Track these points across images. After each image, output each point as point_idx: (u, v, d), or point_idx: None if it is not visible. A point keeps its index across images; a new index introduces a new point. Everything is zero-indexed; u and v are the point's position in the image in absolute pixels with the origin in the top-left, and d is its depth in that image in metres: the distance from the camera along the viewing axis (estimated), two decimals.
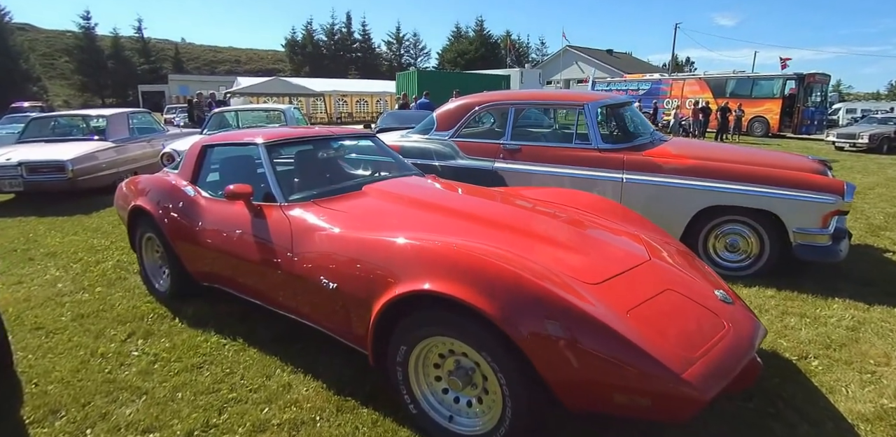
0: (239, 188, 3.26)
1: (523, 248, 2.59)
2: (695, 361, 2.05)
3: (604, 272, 2.48)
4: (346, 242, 2.76)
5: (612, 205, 3.77)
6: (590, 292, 2.26)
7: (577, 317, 2.04)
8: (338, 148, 4.33)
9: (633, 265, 2.62)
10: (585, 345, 1.99)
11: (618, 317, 2.12)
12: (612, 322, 2.05)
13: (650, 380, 1.95)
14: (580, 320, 2.04)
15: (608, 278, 2.44)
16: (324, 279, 2.71)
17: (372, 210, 3.22)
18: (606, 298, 2.25)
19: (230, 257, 3.43)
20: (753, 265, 4.61)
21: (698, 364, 2.04)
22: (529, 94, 6.78)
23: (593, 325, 2.02)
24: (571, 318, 2.04)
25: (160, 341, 3.46)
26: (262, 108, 12.31)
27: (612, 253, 2.74)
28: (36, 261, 5.21)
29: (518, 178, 5.39)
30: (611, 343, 1.99)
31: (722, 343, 2.22)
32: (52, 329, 3.65)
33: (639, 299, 2.33)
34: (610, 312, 2.13)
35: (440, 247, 2.42)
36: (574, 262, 2.53)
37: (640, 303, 2.30)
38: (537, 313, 2.06)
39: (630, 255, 2.76)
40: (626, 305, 2.25)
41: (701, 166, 4.67)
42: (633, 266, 2.61)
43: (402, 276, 2.38)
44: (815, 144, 20.31)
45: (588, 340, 2.00)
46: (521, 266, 2.27)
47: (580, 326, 2.03)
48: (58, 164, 7.60)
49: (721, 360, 2.13)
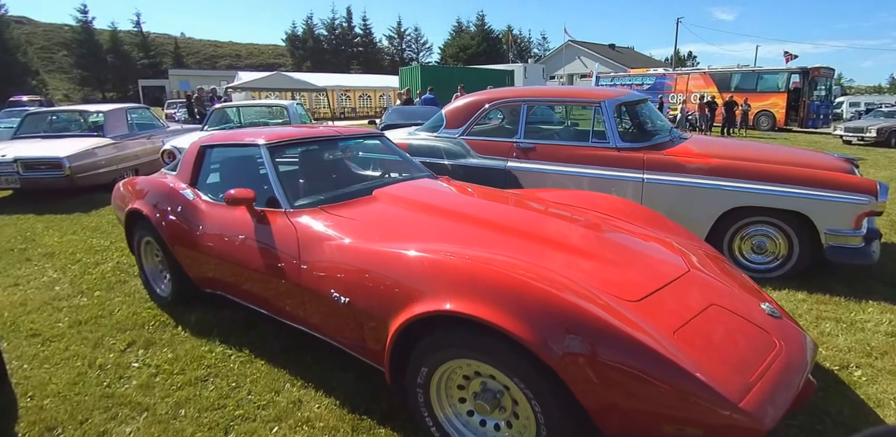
0: (240, 193, 3.06)
1: (553, 261, 2.40)
2: (751, 386, 1.86)
3: (643, 287, 2.29)
4: (359, 254, 2.56)
5: (637, 207, 3.58)
6: (631, 310, 2.06)
7: (620, 340, 1.85)
8: (345, 148, 4.13)
9: (673, 278, 2.43)
10: (631, 372, 1.80)
11: (664, 339, 1.93)
12: (659, 345, 1.86)
13: (705, 410, 1.76)
14: (624, 343, 1.85)
15: (649, 293, 2.25)
16: (334, 293, 2.52)
17: (385, 218, 3.02)
18: (649, 317, 2.06)
19: (233, 265, 3.24)
20: (781, 267, 4.42)
21: (755, 390, 1.85)
22: (542, 90, 6.58)
23: (639, 349, 1.83)
24: (614, 341, 1.85)
25: (162, 351, 3.27)
26: (265, 103, 12.09)
27: (649, 265, 2.55)
28: (33, 262, 5.03)
29: (532, 178, 5.19)
30: (659, 369, 1.80)
31: (776, 364, 2.03)
32: (49, 337, 3.47)
33: (684, 318, 2.14)
34: (655, 333, 1.94)
35: (463, 262, 2.23)
36: (610, 276, 2.34)
37: (685, 322, 2.11)
38: (576, 335, 1.87)
39: (668, 266, 2.57)
40: (672, 324, 2.06)
41: (727, 166, 4.47)
42: (674, 279, 2.42)
43: (421, 293, 2.19)
44: (823, 138, 20.08)
45: (634, 365, 1.81)
46: (554, 283, 2.08)
47: (624, 350, 1.83)
48: (54, 160, 7.40)
49: (778, 384, 1.94)
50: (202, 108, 14.67)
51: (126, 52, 61.28)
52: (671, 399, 1.78)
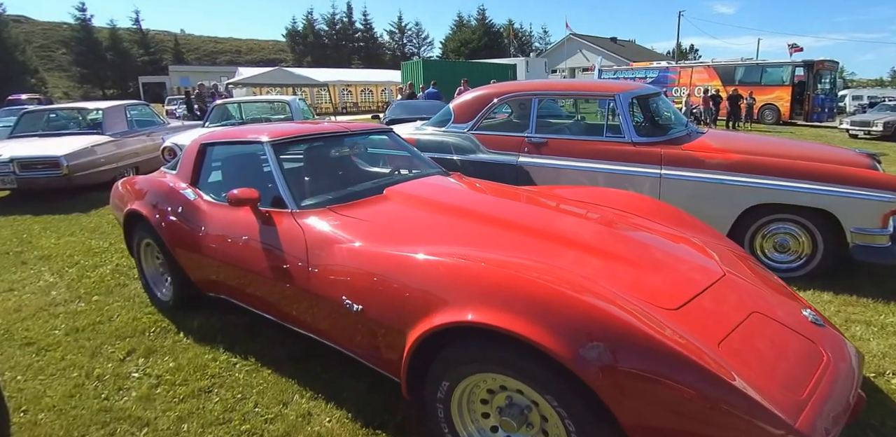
0: (244, 193, 2.88)
1: (582, 265, 2.23)
2: (804, 404, 1.70)
3: (680, 294, 2.12)
4: (372, 258, 2.38)
5: (659, 205, 3.41)
6: (670, 320, 1.90)
7: (663, 355, 1.68)
8: (352, 145, 3.95)
9: (710, 283, 2.26)
10: (676, 389, 1.64)
11: (710, 352, 1.76)
12: (705, 359, 1.69)
13: (757, 431, 1.59)
14: (668, 358, 1.68)
15: (686, 301, 2.08)
16: (346, 300, 2.36)
17: (398, 218, 2.84)
18: (690, 327, 1.89)
19: (236, 269, 3.08)
20: (805, 266, 4.26)
21: (809, 408, 1.69)
22: (554, 83, 6.40)
23: (684, 364, 1.66)
24: (657, 356, 1.68)
25: (163, 359, 3.11)
26: (267, 99, 11.92)
27: (682, 268, 2.38)
28: (29, 265, 4.87)
29: (545, 173, 5.03)
30: (707, 386, 1.63)
31: (827, 378, 1.87)
32: (44, 345, 3.31)
33: (727, 327, 1.97)
34: (700, 346, 1.78)
35: (486, 267, 2.07)
36: (643, 282, 2.17)
37: (729, 332, 1.94)
38: (616, 350, 1.70)
39: (702, 269, 2.40)
40: (715, 335, 1.90)
41: (749, 161, 4.30)
42: (710, 284, 2.25)
43: (441, 301, 2.02)
44: (828, 132, 19.92)
45: (679, 382, 1.64)
46: (588, 291, 1.91)
47: (668, 365, 1.67)
48: (52, 159, 7.22)
49: (831, 400, 1.78)
50: (203, 104, 14.50)
51: (125, 49, 61.03)
52: (721, 419, 1.61)
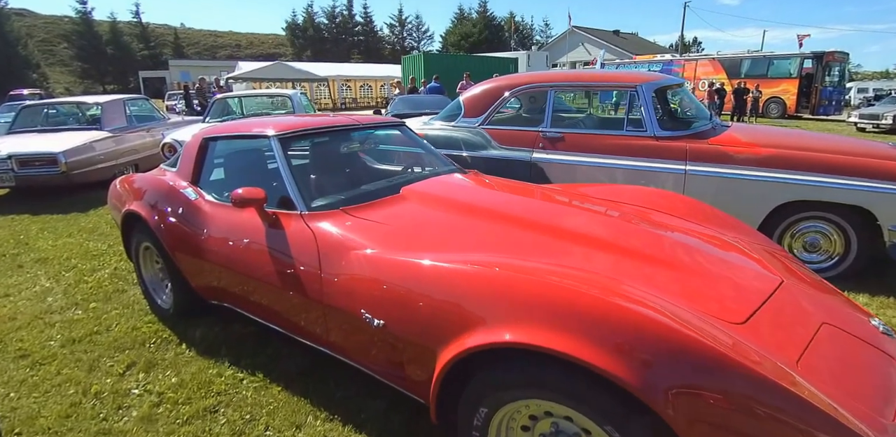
0: (249, 193, 2.63)
1: (633, 275, 2.01)
2: (894, 429, 1.50)
3: (743, 305, 1.90)
4: (393, 267, 2.15)
5: (694, 203, 3.18)
6: (740, 335, 1.68)
7: (741, 377, 1.46)
8: (363, 140, 3.72)
9: (770, 291, 2.05)
10: (758, 416, 1.42)
11: (790, 372, 1.55)
12: (787, 381, 1.47)
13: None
14: (746, 380, 1.45)
15: (751, 313, 1.86)
16: (365, 314, 2.14)
17: (418, 221, 2.62)
18: (763, 343, 1.67)
19: (241, 276, 2.86)
20: (837, 266, 4.05)
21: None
22: (571, 74, 6.15)
23: (769, 389, 1.44)
24: (734, 379, 1.46)
25: (165, 374, 2.90)
26: (268, 93, 11.67)
27: (738, 275, 2.16)
28: (25, 269, 4.65)
29: (560, 170, 4.80)
30: (794, 412, 1.41)
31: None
32: (39, 358, 3.10)
33: (801, 343, 1.76)
34: (778, 365, 1.56)
35: (528, 279, 1.84)
36: (702, 292, 1.95)
37: (804, 348, 1.73)
38: (688, 376, 1.48)
39: (758, 276, 2.19)
40: (790, 352, 1.68)
41: (781, 156, 4.07)
42: (771, 293, 2.04)
43: (476, 317, 1.80)
44: (836, 126, 19.65)
45: (761, 409, 1.42)
46: (647, 305, 1.70)
47: (748, 389, 1.44)
48: (49, 156, 6.99)
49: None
50: (203, 99, 14.27)
51: (126, 43, 60.55)
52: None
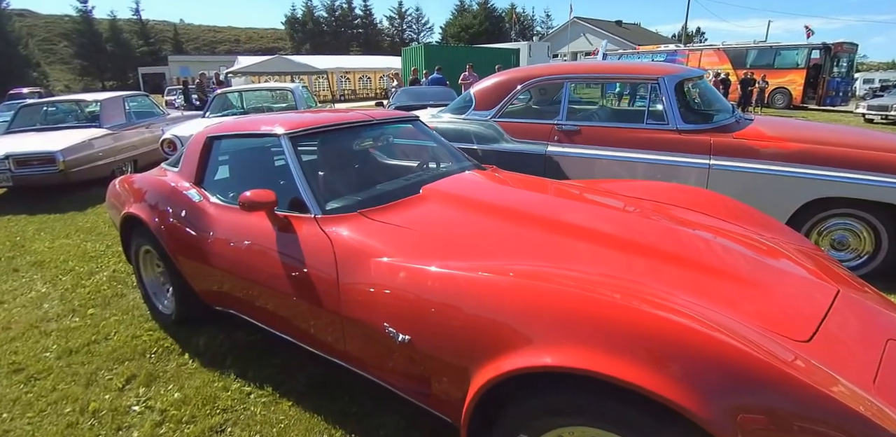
0: (259, 196, 2.43)
1: (688, 286, 1.82)
2: None
3: (805, 320, 1.71)
4: (420, 277, 1.96)
5: (728, 202, 2.99)
6: (808, 355, 1.49)
7: (823, 409, 1.27)
8: (377, 136, 3.51)
9: (829, 303, 1.85)
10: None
11: (870, 398, 1.36)
12: (871, 411, 1.28)
13: None
14: (828, 412, 1.26)
15: (815, 328, 1.67)
16: (389, 328, 1.95)
17: (444, 224, 2.42)
18: (834, 364, 1.48)
19: (249, 282, 2.66)
20: (867, 265, 3.86)
21: None
22: (588, 66, 5.93)
23: (854, 421, 1.25)
24: (815, 410, 1.27)
25: (167, 389, 2.71)
26: (268, 87, 11.46)
27: (792, 285, 1.97)
28: (21, 273, 4.47)
29: (577, 164, 4.60)
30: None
31: None
32: (34, 372, 2.91)
33: (871, 362, 1.57)
34: (860, 392, 1.37)
35: (576, 293, 1.64)
36: (763, 306, 1.76)
37: (876, 368, 1.54)
38: (761, 405, 1.29)
39: (814, 286, 1.99)
40: (864, 373, 1.50)
41: (810, 151, 3.86)
42: (830, 304, 1.84)
43: (518, 336, 1.61)
44: (843, 117, 19.37)
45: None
46: (709, 324, 1.49)
47: (832, 423, 1.26)
48: (47, 155, 6.79)
49: None
50: (203, 94, 14.08)
51: (125, 40, 60.53)
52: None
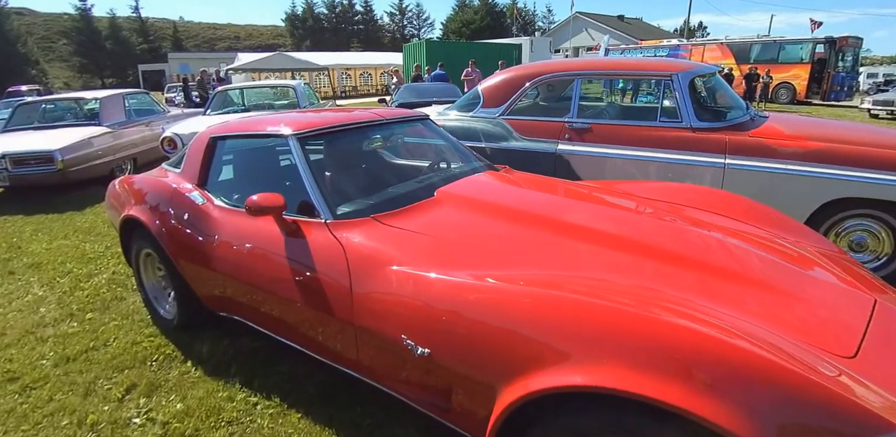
0: (267, 200, 2.31)
1: (724, 298, 1.71)
2: None
3: (848, 333, 1.60)
4: (442, 287, 1.85)
5: (750, 204, 2.89)
6: (857, 372, 1.39)
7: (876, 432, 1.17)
8: (388, 136, 3.39)
9: (868, 314, 1.74)
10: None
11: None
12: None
13: None
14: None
15: (859, 342, 1.56)
16: (407, 340, 1.84)
17: (463, 230, 2.30)
18: (881, 381, 1.38)
19: (255, 288, 2.56)
20: (886, 266, 3.75)
21: None
22: (599, 62, 5.82)
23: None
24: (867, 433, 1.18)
25: (169, 399, 2.60)
26: (270, 84, 11.35)
27: (829, 295, 1.86)
28: (17, 275, 4.35)
29: (588, 163, 4.48)
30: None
31: None
32: (30, 381, 2.80)
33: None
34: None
35: (608, 306, 1.54)
36: (803, 319, 1.65)
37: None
38: (813, 428, 1.20)
39: (850, 295, 1.88)
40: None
41: (829, 150, 3.74)
42: (869, 316, 1.73)
43: (549, 352, 1.51)
44: (848, 112, 19.26)
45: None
46: (753, 340, 1.38)
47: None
48: (45, 154, 6.67)
49: None
50: (204, 91, 13.98)
51: (125, 37, 60.59)
52: None
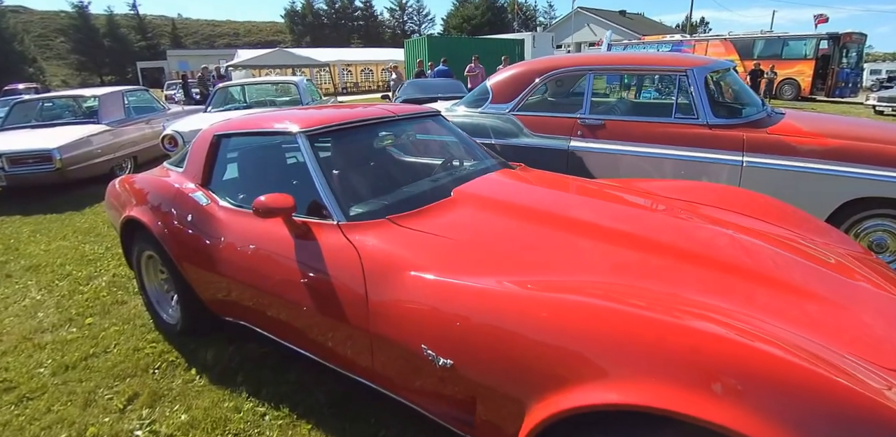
0: (275, 201, 2.18)
1: (769, 307, 1.59)
2: None
3: (892, 343, 1.50)
4: (466, 295, 1.73)
5: (775, 204, 2.78)
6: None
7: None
8: (400, 133, 3.27)
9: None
10: None
11: None
12: None
13: None
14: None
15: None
16: (428, 351, 1.73)
17: (484, 233, 2.18)
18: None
19: (262, 292, 2.44)
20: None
21: None
22: (611, 57, 5.67)
23: None
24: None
25: (173, 409, 2.49)
26: (272, 80, 11.21)
27: (871, 302, 1.75)
28: (14, 278, 4.23)
29: (601, 160, 4.36)
30: None
31: None
32: (27, 391, 2.68)
33: None
34: None
35: (648, 317, 1.42)
36: (848, 330, 1.54)
37: None
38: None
39: (887, 301, 1.77)
40: None
41: (851, 148, 3.62)
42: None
43: (581, 364, 1.40)
44: (853, 108, 19.09)
45: None
46: (808, 354, 1.27)
47: None
48: (43, 153, 6.54)
49: None
50: (205, 88, 13.87)
51: (123, 35, 60.44)
52: None
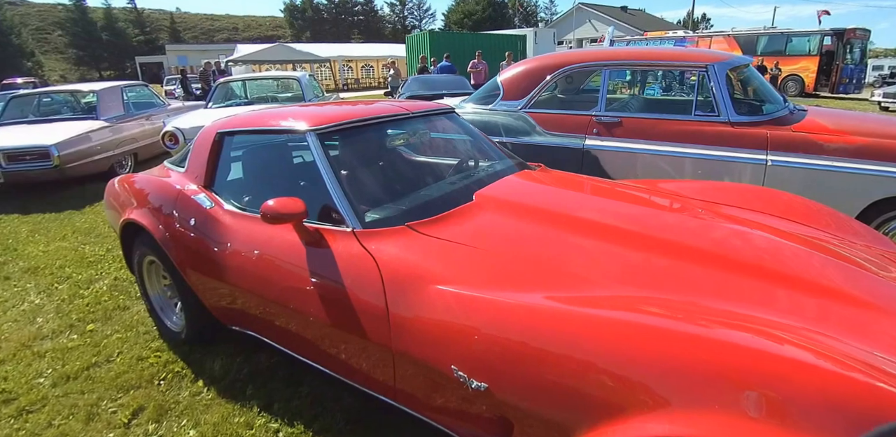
0: (285, 206, 2.03)
1: (840, 324, 1.48)
2: None
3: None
4: (501, 311, 1.59)
5: (809, 205, 2.69)
6: None
7: None
8: (414, 132, 3.12)
9: None
10: None
11: None
12: None
13: None
14: None
15: None
16: (458, 372, 1.59)
17: (513, 241, 2.02)
18: None
19: (270, 302, 2.29)
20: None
21: None
22: (628, 52, 5.56)
23: None
24: None
25: (180, 424, 2.36)
26: (273, 76, 11.05)
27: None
28: (12, 281, 4.09)
29: (618, 159, 4.22)
30: None
31: None
32: (27, 403, 2.55)
33: None
34: None
35: (708, 338, 1.30)
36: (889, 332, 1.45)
37: None
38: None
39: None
40: None
41: (878, 145, 3.49)
42: None
43: (632, 393, 1.27)
44: (858, 104, 19.01)
45: None
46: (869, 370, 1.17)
47: None
48: (41, 149, 6.39)
49: None
50: (206, 84, 13.72)
51: (121, 29, 60.22)
52: None
